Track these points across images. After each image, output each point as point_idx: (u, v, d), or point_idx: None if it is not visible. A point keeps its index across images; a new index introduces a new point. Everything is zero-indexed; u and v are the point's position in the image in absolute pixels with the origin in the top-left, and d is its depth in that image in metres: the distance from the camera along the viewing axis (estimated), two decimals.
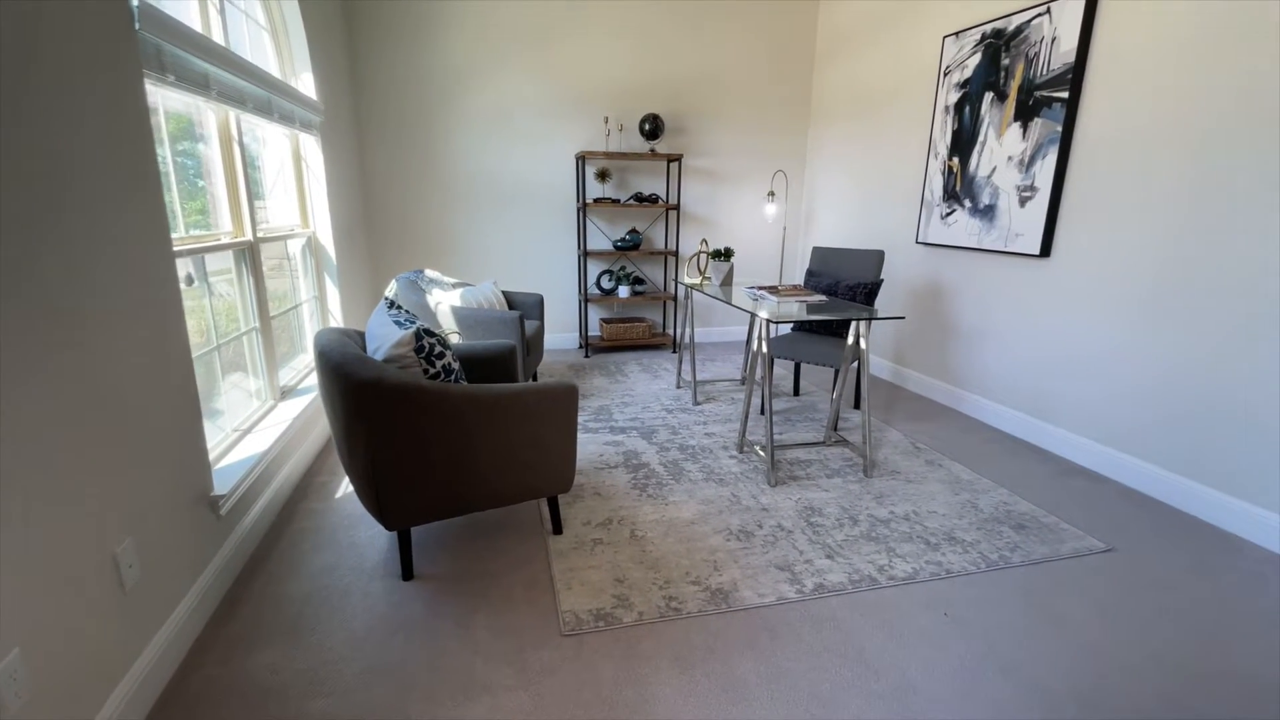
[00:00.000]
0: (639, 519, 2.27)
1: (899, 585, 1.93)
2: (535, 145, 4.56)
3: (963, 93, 3.38)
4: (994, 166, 3.19)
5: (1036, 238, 2.97)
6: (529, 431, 1.90)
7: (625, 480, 2.58)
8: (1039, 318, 3.04)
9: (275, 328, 2.76)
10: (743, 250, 5.22)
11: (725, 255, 3.60)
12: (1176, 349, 2.45)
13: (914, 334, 3.95)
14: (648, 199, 4.68)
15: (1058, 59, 2.83)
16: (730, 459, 2.82)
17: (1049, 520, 2.34)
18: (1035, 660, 1.63)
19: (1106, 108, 2.67)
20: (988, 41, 3.20)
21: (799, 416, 3.43)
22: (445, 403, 1.73)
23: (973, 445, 3.07)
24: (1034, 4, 2.95)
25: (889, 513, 2.37)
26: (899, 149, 3.98)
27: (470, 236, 4.61)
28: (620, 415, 3.37)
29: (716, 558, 2.04)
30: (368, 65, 4.13)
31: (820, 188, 4.94)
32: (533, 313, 3.77)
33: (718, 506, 2.37)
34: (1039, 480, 2.69)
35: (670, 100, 4.73)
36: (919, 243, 3.79)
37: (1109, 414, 2.73)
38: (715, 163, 4.96)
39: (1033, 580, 1.98)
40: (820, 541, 2.15)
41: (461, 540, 2.14)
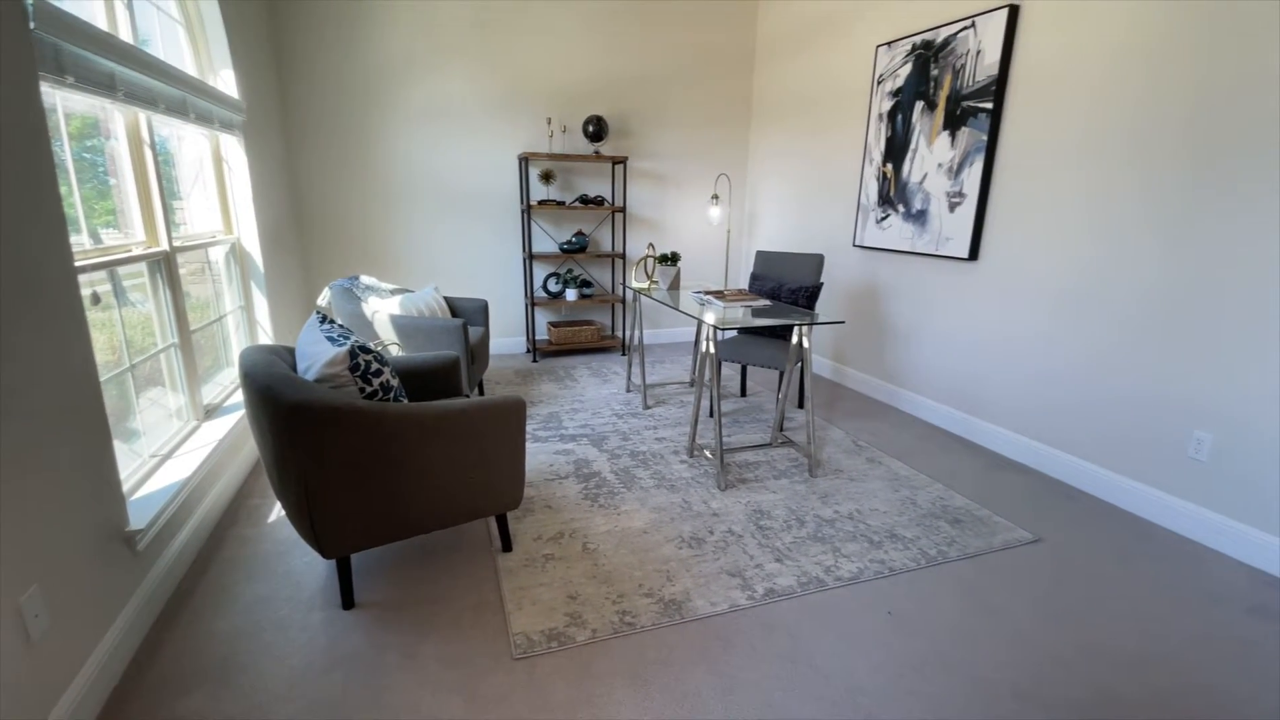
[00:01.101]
0: (591, 531, 2.25)
1: (845, 585, 1.98)
2: (477, 146, 4.44)
3: (895, 101, 3.50)
4: (925, 173, 3.32)
5: (965, 242, 3.11)
6: (475, 449, 1.85)
7: (576, 491, 2.55)
8: (969, 318, 3.19)
9: (197, 341, 2.58)
10: (689, 253, 5.25)
11: (672, 260, 3.61)
12: (1092, 346, 2.61)
13: (853, 334, 4.07)
14: (593, 201, 4.64)
15: (982, 71, 2.96)
16: (681, 464, 2.83)
17: (982, 514, 2.46)
18: (974, 654, 1.71)
19: (1026, 119, 2.81)
20: (918, 52, 3.32)
21: (747, 418, 3.49)
22: (384, 424, 1.66)
23: (910, 441, 3.19)
24: (960, 18, 3.08)
25: (834, 512, 2.43)
26: (836, 154, 4.09)
27: (410, 240, 4.46)
28: (570, 422, 3.33)
29: (669, 567, 2.04)
30: (295, 60, 3.92)
31: (762, 191, 5.03)
32: (477, 319, 3.68)
33: (669, 514, 2.38)
34: (972, 474, 2.82)
35: (614, 102, 4.71)
36: (856, 246, 3.90)
37: (1033, 409, 2.89)
38: (660, 165, 4.97)
39: (969, 574, 2.07)
40: (770, 545, 2.19)
41: (406, 564, 2.07)
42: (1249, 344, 2.11)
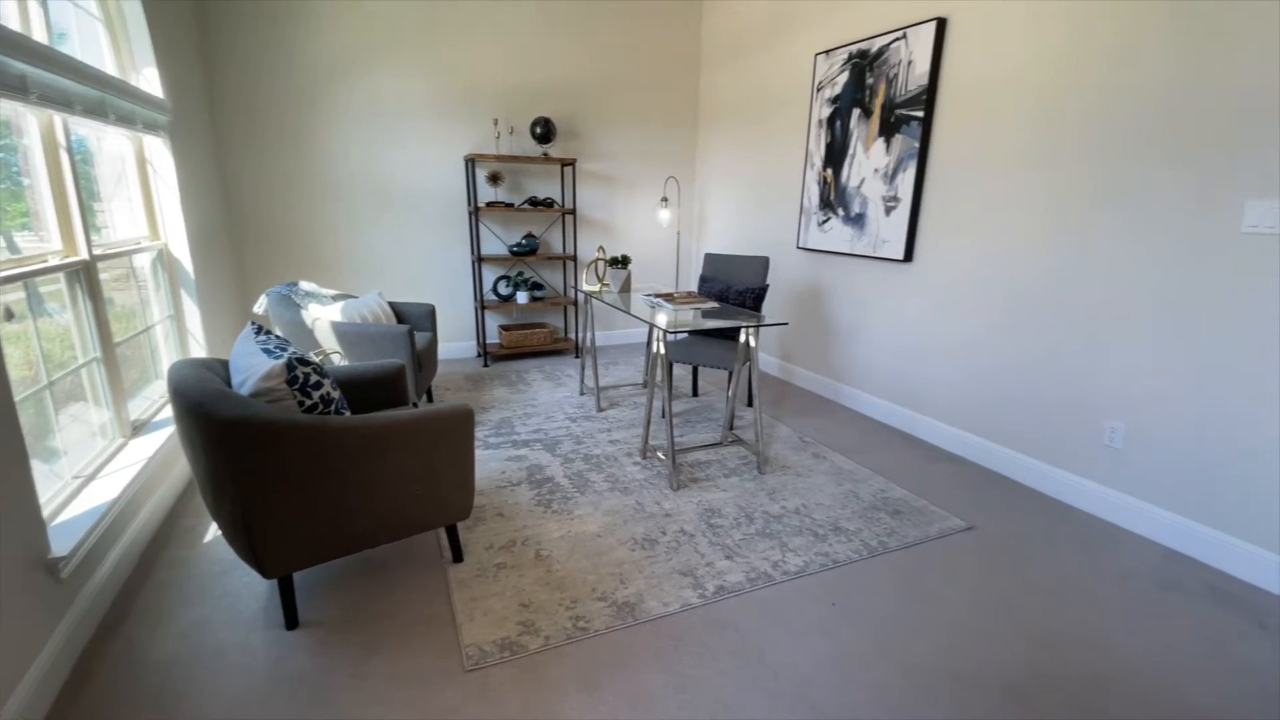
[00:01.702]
0: (544, 537, 2.25)
1: (792, 579, 2.05)
2: (422, 146, 4.36)
3: (834, 108, 3.62)
4: (863, 178, 3.44)
5: (900, 244, 3.25)
6: (422, 461, 1.82)
7: (529, 497, 2.55)
8: (905, 316, 3.33)
9: (123, 354, 2.45)
10: (641, 255, 5.29)
11: (623, 263, 3.63)
12: (1017, 343, 2.78)
13: (799, 333, 4.19)
14: (543, 203, 4.62)
15: (914, 81, 3.10)
16: (634, 465, 2.86)
17: (919, 504, 2.58)
18: (913, 640, 1.80)
19: (954, 127, 2.96)
20: (854, 61, 3.45)
21: (698, 417, 3.54)
22: (325, 438, 1.62)
23: (853, 436, 3.31)
24: (892, 29, 3.21)
25: (781, 508, 2.51)
26: (780, 158, 4.20)
27: (352, 244, 4.33)
28: (523, 427, 3.32)
29: (622, 570, 2.06)
30: (225, 58, 3.75)
31: (710, 193, 5.11)
32: (424, 324, 3.62)
33: (623, 516, 2.40)
34: (910, 466, 2.96)
35: (561, 103, 4.70)
36: (800, 248, 4.02)
37: (966, 402, 3.05)
38: (610, 167, 4.99)
39: (908, 562, 2.18)
40: (720, 543, 2.24)
41: (353, 578, 2.02)
42: (1156, 341, 2.29)
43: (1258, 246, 2.00)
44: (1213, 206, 2.09)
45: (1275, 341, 1.98)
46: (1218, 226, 2.09)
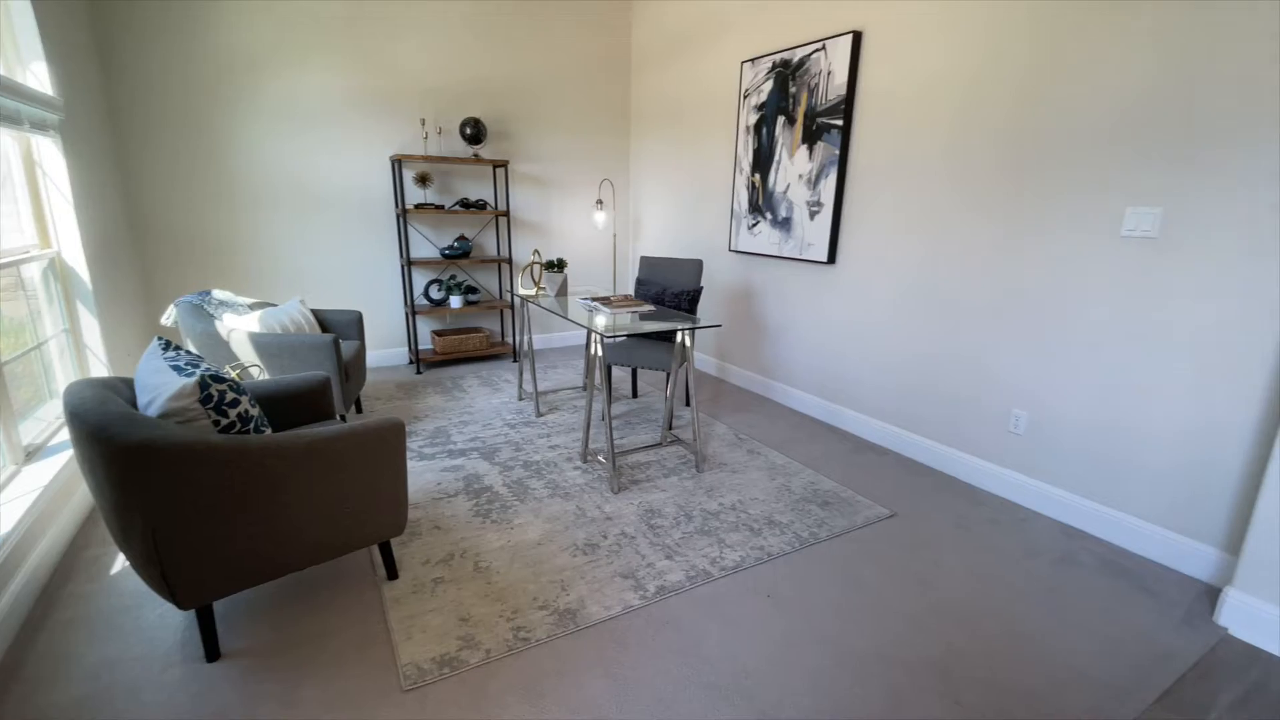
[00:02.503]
0: (483, 548, 2.23)
1: (729, 575, 2.12)
2: (344, 147, 4.19)
3: (760, 115, 3.74)
4: (788, 184, 3.58)
5: (824, 247, 3.39)
6: (350, 477, 1.77)
7: (467, 508, 2.51)
8: (829, 315, 3.48)
9: (12, 373, 2.25)
10: (578, 257, 5.28)
11: (559, 266, 3.62)
12: (932, 338, 2.96)
13: (733, 333, 4.30)
14: (475, 205, 4.54)
15: (833, 91, 3.24)
16: (575, 470, 2.86)
17: (847, 494, 2.71)
18: (844, 626, 1.89)
19: (871, 135, 3.12)
20: (778, 70, 3.57)
21: (638, 419, 3.58)
22: (243, 459, 1.55)
23: (785, 431, 3.44)
24: (812, 40, 3.34)
25: (718, 505, 2.58)
26: (710, 163, 4.29)
27: (270, 249, 4.12)
28: (459, 436, 3.25)
29: (564, 577, 2.07)
30: (126, 53, 3.48)
31: (645, 196, 5.16)
32: (350, 332, 3.49)
33: (564, 522, 2.41)
34: (838, 458, 3.10)
35: (492, 104, 4.62)
36: (732, 250, 4.13)
37: (886, 395, 3.22)
38: (543, 169, 4.95)
39: (837, 551, 2.29)
40: (660, 543, 2.28)
41: (280, 603, 1.94)
42: (1055, 334, 2.49)
43: (1135, 249, 2.22)
44: (1099, 212, 2.30)
45: (1153, 335, 2.20)
46: (1102, 231, 2.30)
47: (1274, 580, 1.83)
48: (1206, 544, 2.14)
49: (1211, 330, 2.06)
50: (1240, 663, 1.80)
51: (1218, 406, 2.07)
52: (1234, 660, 1.81)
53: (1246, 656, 1.82)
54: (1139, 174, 2.17)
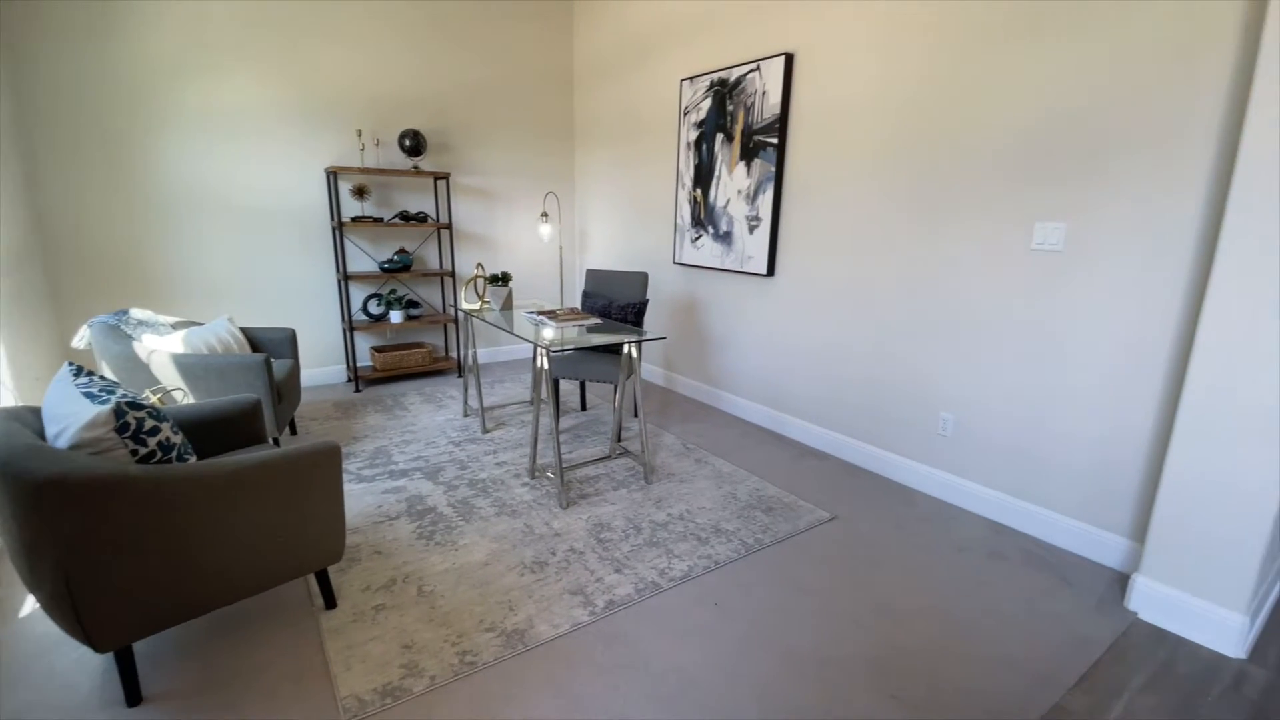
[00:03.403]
0: (427, 572, 2.17)
1: (677, 585, 2.14)
2: (275, 158, 4.03)
3: (700, 131, 3.83)
4: (728, 199, 3.67)
5: (764, 260, 3.50)
6: (282, 505, 1.70)
7: (409, 531, 2.44)
8: (771, 325, 3.59)
9: None
10: (524, 270, 5.24)
11: (503, 280, 3.59)
12: (865, 347, 3.09)
13: (680, 344, 4.37)
14: (415, 217, 4.45)
15: (768, 110, 3.36)
16: (523, 487, 2.83)
17: (790, 500, 2.79)
18: (787, 629, 1.94)
19: (804, 153, 3.25)
20: (715, 89, 3.67)
21: (587, 431, 3.58)
22: (164, 491, 1.47)
23: (730, 439, 3.51)
24: (748, 60, 3.46)
25: (667, 515, 2.61)
26: (654, 177, 4.36)
27: (194, 265, 3.91)
28: (401, 456, 3.17)
29: (511, 597, 2.04)
30: (28, 59, 3.25)
31: (591, 209, 5.19)
32: (283, 350, 3.35)
33: (511, 541, 2.38)
34: (781, 464, 3.18)
35: (432, 116, 4.56)
36: (677, 263, 4.20)
37: (825, 402, 3.34)
38: (486, 181, 4.91)
39: (781, 556, 2.35)
40: (609, 557, 2.29)
41: (209, 638, 1.84)
42: (977, 341, 2.65)
43: (1044, 261, 2.39)
44: (1012, 227, 2.47)
45: (1063, 341, 2.37)
46: (1015, 244, 2.46)
47: (1174, 566, 2.00)
48: (1117, 534, 2.31)
49: (1114, 337, 2.23)
50: (1148, 644, 1.94)
51: (1122, 407, 2.24)
52: (1143, 642, 1.95)
53: (1153, 638, 1.97)
54: (1046, 191, 2.35)
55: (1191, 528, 1.94)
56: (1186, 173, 2.01)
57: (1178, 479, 1.95)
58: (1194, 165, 1.99)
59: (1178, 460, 1.94)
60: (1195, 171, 1.99)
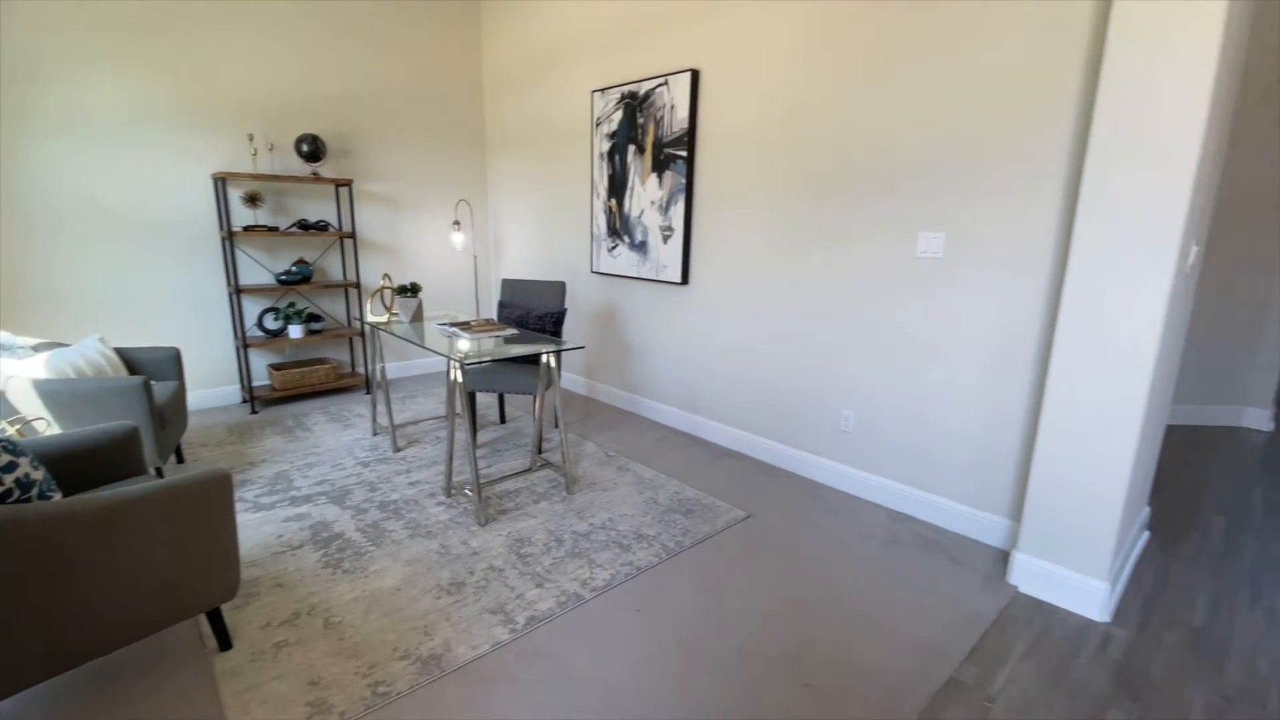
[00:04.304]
0: (334, 602, 2.06)
1: (600, 595, 2.15)
2: (155, 163, 3.70)
3: (613, 142, 3.87)
4: (642, 209, 3.74)
5: (678, 269, 3.58)
6: (164, 542, 1.56)
7: (314, 560, 2.30)
8: (687, 332, 3.68)
9: None
10: (437, 280, 5.08)
11: (412, 291, 3.47)
12: (773, 350, 3.23)
13: (600, 352, 4.38)
14: (315, 226, 4.22)
15: (677, 123, 3.45)
16: (438, 506, 2.74)
17: (708, 501, 2.86)
18: (707, 629, 1.99)
19: (712, 166, 3.36)
20: (626, 101, 3.73)
21: (507, 444, 3.51)
22: (22, 533, 1.31)
23: (651, 445, 3.56)
24: (656, 75, 3.54)
25: (589, 525, 2.61)
26: (570, 186, 4.36)
27: (61, 281, 3.52)
28: (304, 480, 2.98)
29: (427, 621, 1.97)
30: None
31: (505, 218, 5.11)
32: (166, 371, 3.08)
33: (426, 563, 2.29)
34: (700, 467, 3.26)
35: (333, 121, 4.34)
36: (594, 272, 4.22)
37: (739, 404, 3.46)
38: (393, 189, 4.73)
39: (701, 558, 2.40)
40: (530, 572, 2.26)
41: (83, 693, 1.65)
42: (871, 342, 2.83)
43: (928, 267, 2.59)
44: (899, 236, 2.67)
45: (947, 340, 2.58)
46: (903, 252, 2.66)
47: (1045, 541, 2.22)
48: (999, 516, 2.53)
49: (989, 336, 2.46)
50: (1027, 615, 2.14)
51: (998, 400, 2.47)
52: (1022, 613, 2.15)
53: (1031, 608, 2.18)
54: (928, 203, 2.55)
55: (1058, 506, 2.16)
56: (1046, 185, 2.25)
57: (1045, 462, 2.17)
58: (1051, 179, 2.23)
59: (1044, 445, 2.16)
60: (1053, 184, 2.23)
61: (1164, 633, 2.06)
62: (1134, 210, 1.88)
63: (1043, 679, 1.83)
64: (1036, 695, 1.77)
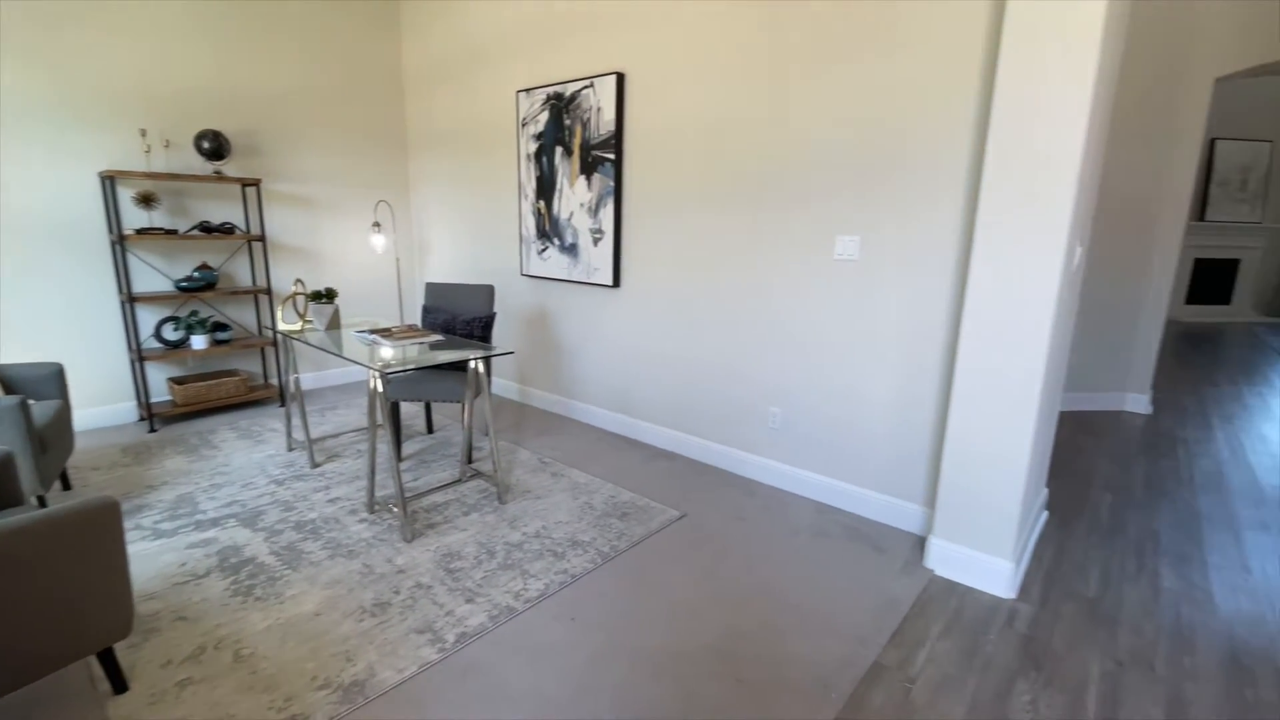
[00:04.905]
0: (245, 633, 1.92)
1: (534, 605, 2.11)
2: (28, 160, 3.34)
3: (540, 144, 3.82)
4: (571, 211, 3.71)
5: (609, 271, 3.58)
6: (42, 579, 1.41)
7: (222, 589, 2.15)
8: (619, 334, 3.68)
9: None
10: (358, 285, 4.85)
11: (328, 297, 3.30)
12: (703, 351, 3.28)
13: (532, 356, 4.32)
14: (220, 229, 3.94)
15: (604, 126, 3.44)
16: (360, 523, 2.62)
17: (643, 503, 2.87)
18: (640, 632, 1.99)
19: (642, 170, 3.38)
20: (552, 102, 3.69)
21: (435, 455, 3.40)
22: None
23: (586, 448, 3.54)
24: (581, 77, 3.52)
25: (522, 535, 2.56)
26: (497, 187, 4.27)
27: None
28: (210, 503, 2.77)
29: (349, 646, 1.88)
30: None
31: (430, 220, 4.94)
32: (46, 390, 2.80)
33: (347, 585, 2.18)
34: (634, 468, 3.27)
35: (238, 117, 4.07)
36: (525, 275, 4.15)
37: (671, 404, 3.49)
38: (307, 189, 4.48)
39: (636, 560, 2.41)
40: (460, 587, 2.19)
41: None
42: (795, 341, 2.92)
43: (845, 269, 2.70)
44: (818, 239, 2.76)
45: (864, 339, 2.70)
46: (822, 254, 2.76)
47: (956, 525, 2.35)
48: (916, 503, 2.67)
49: (901, 333, 2.59)
50: (943, 597, 2.27)
51: (913, 393, 2.60)
52: (939, 595, 2.27)
53: (946, 590, 2.31)
54: (843, 208, 2.66)
55: (966, 491, 2.30)
56: (951, 193, 2.39)
57: (954, 451, 2.31)
58: (956, 187, 2.37)
59: (953, 436, 2.30)
60: (957, 192, 2.38)
61: (1062, 605, 2.23)
62: (1025, 216, 2.03)
63: (958, 656, 1.94)
64: (952, 673, 1.87)
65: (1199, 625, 2.13)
